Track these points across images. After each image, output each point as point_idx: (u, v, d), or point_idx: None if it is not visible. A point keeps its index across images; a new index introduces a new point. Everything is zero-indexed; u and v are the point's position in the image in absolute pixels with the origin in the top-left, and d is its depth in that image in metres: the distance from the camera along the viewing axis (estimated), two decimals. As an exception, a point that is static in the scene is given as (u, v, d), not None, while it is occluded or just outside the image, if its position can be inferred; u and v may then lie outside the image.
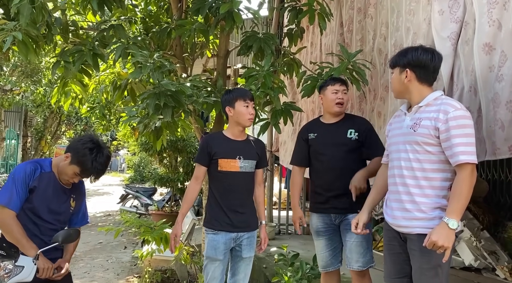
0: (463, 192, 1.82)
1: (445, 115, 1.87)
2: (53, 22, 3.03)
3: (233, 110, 2.61)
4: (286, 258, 3.17)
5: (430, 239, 1.82)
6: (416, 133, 1.95)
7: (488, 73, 2.13)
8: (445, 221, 1.82)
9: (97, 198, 13.51)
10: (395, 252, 2.11)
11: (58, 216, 2.22)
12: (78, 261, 5.70)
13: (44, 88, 10.85)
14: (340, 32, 3.93)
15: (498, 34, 2.08)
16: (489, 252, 3.76)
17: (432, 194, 1.94)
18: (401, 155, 2.03)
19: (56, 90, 3.96)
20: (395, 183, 2.06)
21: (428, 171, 1.94)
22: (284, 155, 5.65)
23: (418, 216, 1.95)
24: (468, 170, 1.82)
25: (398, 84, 2.08)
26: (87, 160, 2.12)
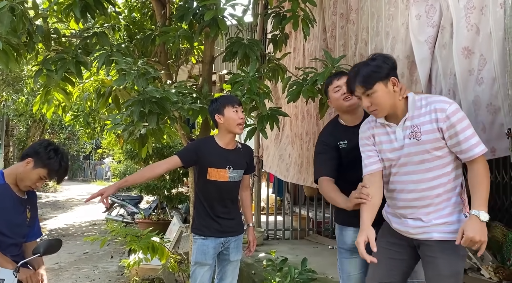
0: (484, 183, 1.79)
1: (443, 112, 1.82)
2: (34, 30, 2.98)
3: (223, 117, 2.60)
4: (274, 264, 3.17)
5: (466, 236, 1.72)
6: (421, 142, 1.86)
7: (468, 76, 2.18)
8: (476, 214, 1.74)
9: (82, 207, 13.29)
10: (390, 257, 2.03)
11: (17, 229, 2.15)
12: (63, 272, 5.59)
13: (26, 96, 10.67)
14: (323, 38, 3.98)
15: (477, 38, 2.12)
16: (474, 252, 3.81)
17: (448, 198, 1.89)
18: (408, 169, 1.92)
19: (39, 98, 3.90)
20: (406, 199, 1.95)
21: (442, 177, 1.88)
22: (266, 159, 5.67)
23: (435, 223, 1.89)
24: (483, 160, 1.80)
25: (388, 98, 1.90)
26: (55, 162, 2.12)
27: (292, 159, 4.81)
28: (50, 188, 19.40)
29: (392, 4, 2.88)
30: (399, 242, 2.03)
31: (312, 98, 3.07)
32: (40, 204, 13.81)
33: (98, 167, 28.38)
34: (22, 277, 2.07)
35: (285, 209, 6.10)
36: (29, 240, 2.26)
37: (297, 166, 4.64)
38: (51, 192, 18.47)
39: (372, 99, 1.91)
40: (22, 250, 2.20)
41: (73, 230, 9.07)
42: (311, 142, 4.24)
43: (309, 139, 4.27)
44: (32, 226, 2.27)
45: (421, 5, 2.51)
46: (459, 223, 1.85)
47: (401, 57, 2.65)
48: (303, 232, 5.99)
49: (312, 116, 4.23)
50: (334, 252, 5.06)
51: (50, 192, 18.64)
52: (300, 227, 5.98)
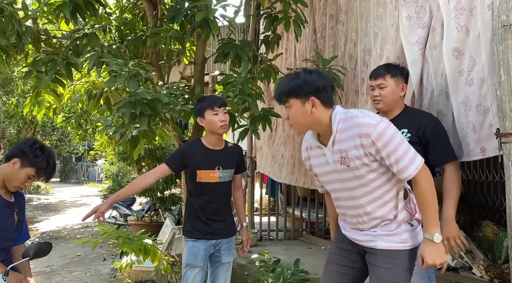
0: (429, 202, 1.71)
1: (368, 138, 1.68)
2: (24, 31, 2.96)
3: (204, 120, 2.62)
4: (267, 265, 3.16)
5: (426, 264, 1.70)
6: (352, 168, 1.75)
7: (458, 77, 2.20)
8: (429, 238, 1.71)
9: (74, 209, 13.20)
10: (341, 264, 1.98)
11: (4, 233, 2.11)
12: (55, 275, 5.54)
13: (17, 98, 10.57)
14: (314, 39, 3.99)
15: (466, 39, 2.14)
16: (466, 251, 3.84)
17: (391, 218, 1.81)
18: (345, 194, 1.85)
19: (29, 100, 3.87)
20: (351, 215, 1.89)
21: (381, 197, 1.79)
22: (260, 160, 5.66)
23: (380, 233, 1.82)
24: (422, 177, 1.70)
25: (303, 117, 1.77)
26: (42, 160, 2.09)
27: (285, 159, 4.82)
28: (42, 191, 19.24)
29: (380, 5, 2.89)
30: (350, 248, 1.96)
31: (304, 99, 3.07)
32: (32, 207, 13.68)
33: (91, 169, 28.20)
34: (11, 281, 2.04)
35: (278, 209, 6.10)
36: (17, 243, 2.23)
37: (289, 167, 4.65)
38: (43, 195, 18.32)
39: (290, 114, 1.81)
40: (10, 254, 2.17)
41: (65, 232, 9.00)
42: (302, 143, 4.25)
43: (301, 140, 4.27)
44: (20, 230, 2.23)
45: (411, 6, 2.53)
46: (406, 232, 1.81)
47: (392, 58, 2.67)
48: (297, 233, 6.00)
49: (304, 117, 4.24)
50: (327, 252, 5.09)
51: (42, 194, 18.48)
52: (293, 228, 5.98)
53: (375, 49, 2.90)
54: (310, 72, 1.80)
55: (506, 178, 1.79)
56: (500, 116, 1.86)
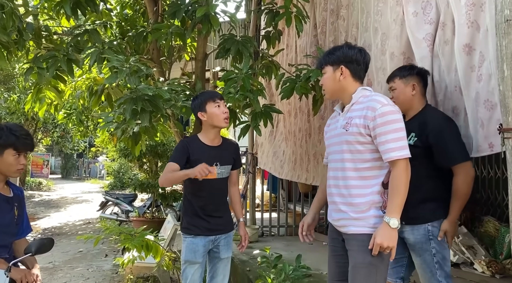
0: (400, 189, 1.82)
1: (373, 112, 1.87)
2: (24, 27, 2.95)
3: (206, 114, 2.58)
4: (269, 260, 3.17)
5: (375, 242, 1.82)
6: (347, 133, 1.94)
7: (470, 73, 2.19)
8: (386, 221, 1.82)
9: (76, 206, 13.24)
10: (337, 253, 2.10)
11: (5, 229, 2.10)
12: (57, 271, 5.56)
13: (18, 95, 10.57)
14: (314, 34, 3.98)
15: (476, 35, 2.14)
16: (467, 247, 3.85)
17: (365, 193, 1.92)
18: (336, 157, 2.03)
19: (30, 96, 3.86)
20: (329, 186, 2.07)
21: (362, 170, 1.93)
22: (261, 157, 5.66)
23: (352, 216, 1.94)
24: (401, 166, 1.82)
25: (332, 83, 2.04)
26: (8, 136, 2.04)
27: (286, 156, 4.82)
28: (43, 187, 19.31)
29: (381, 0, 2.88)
30: (336, 237, 2.09)
31: (306, 94, 3.07)
32: (34, 203, 13.72)
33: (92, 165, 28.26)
34: (16, 276, 2.03)
35: (280, 206, 6.11)
36: (18, 237, 2.23)
37: (291, 163, 4.64)
38: (44, 191, 18.38)
39: (323, 79, 2.10)
40: (12, 250, 2.17)
41: (67, 229, 9.03)
42: (303, 139, 4.25)
43: (302, 136, 4.28)
44: (20, 224, 2.23)
45: (417, 2, 2.51)
46: (376, 218, 1.91)
47: (396, 54, 2.65)
48: (298, 229, 6.00)
49: (304, 113, 4.23)
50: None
51: (43, 191, 18.55)
52: (295, 224, 5.99)
53: (375, 44, 2.89)
54: (351, 47, 2.03)
55: (509, 174, 1.78)
56: (503, 111, 1.85)
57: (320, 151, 3.92)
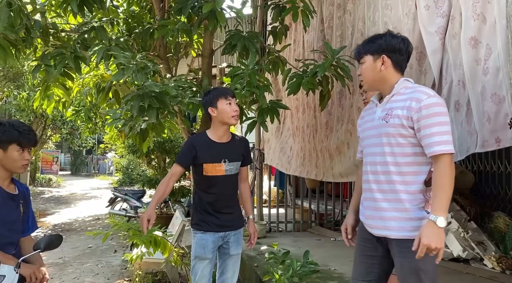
0: (445, 185, 1.70)
1: (417, 103, 1.76)
2: (32, 25, 2.97)
3: (216, 110, 2.58)
4: (276, 256, 3.17)
5: (422, 243, 1.65)
6: (388, 125, 1.83)
7: (475, 66, 2.16)
8: (433, 220, 1.67)
9: (85, 202, 13.36)
10: (365, 254, 1.99)
11: (12, 226, 2.11)
12: (67, 266, 5.63)
13: (28, 92, 10.66)
14: (321, 29, 3.95)
15: (483, 27, 2.10)
16: (477, 243, 3.81)
17: (407, 190, 1.81)
18: (374, 150, 1.91)
19: (38, 94, 3.89)
20: (368, 181, 1.93)
21: (402, 165, 1.82)
22: (268, 152, 5.65)
23: (394, 216, 1.82)
24: (445, 161, 1.71)
25: (372, 73, 1.92)
26: (9, 131, 2.04)
27: (294, 151, 4.80)
28: (53, 184, 19.52)
29: (389, -7, 2.85)
30: (370, 237, 1.96)
31: (313, 90, 3.05)
32: (44, 200, 13.89)
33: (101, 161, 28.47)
34: (25, 273, 2.06)
35: (287, 201, 6.10)
36: (24, 235, 2.25)
37: (299, 159, 4.63)
38: (54, 188, 18.57)
39: (362, 69, 1.97)
40: (19, 247, 2.19)
41: (76, 225, 9.12)
42: (311, 135, 4.23)
43: (310, 132, 4.26)
44: (26, 221, 2.25)
45: None
46: (419, 221, 1.78)
47: None
48: (306, 225, 6.01)
49: (311, 108, 4.22)
50: (337, 244, 5.09)
51: (53, 187, 18.75)
52: (302, 220, 5.98)
53: None
54: (394, 35, 1.91)
55: (519, 169, 1.76)
56: (513, 105, 1.83)
57: (327, 146, 3.90)
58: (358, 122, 2.12)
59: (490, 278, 3.43)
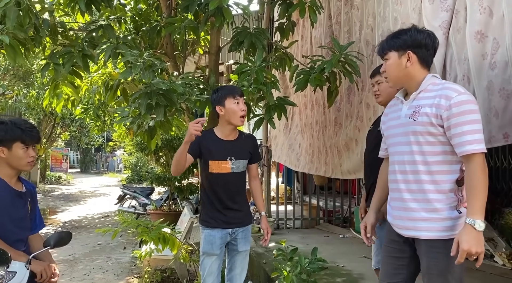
0: (479, 186, 1.63)
1: (447, 100, 1.69)
2: (41, 24, 2.99)
3: (224, 109, 2.57)
4: (284, 253, 3.17)
5: (461, 249, 1.59)
6: (416, 123, 1.77)
7: (481, 61, 2.13)
8: (470, 223, 1.60)
9: (94, 199, 13.48)
10: (392, 255, 1.96)
11: (21, 223, 2.14)
12: (77, 263, 5.69)
13: (37, 90, 10.77)
14: (329, 24, 3.93)
15: (490, 21, 2.07)
16: (487, 239, 3.78)
17: (437, 190, 1.75)
18: (401, 149, 1.85)
19: (48, 92, 3.93)
20: (396, 180, 1.88)
21: (431, 164, 1.76)
22: (275, 149, 5.65)
23: (424, 217, 1.77)
24: (478, 161, 1.64)
25: (397, 70, 1.85)
26: (12, 130, 2.07)
27: (303, 148, 4.79)
28: (63, 181, 19.71)
29: (400, -11, 2.82)
30: (397, 239, 1.93)
31: (320, 86, 3.04)
32: (54, 197, 14.03)
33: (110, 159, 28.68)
34: (36, 269, 2.08)
35: (295, 198, 6.10)
36: (32, 232, 2.28)
37: (308, 156, 4.62)
38: (64, 185, 18.77)
39: (386, 66, 1.91)
40: (27, 245, 2.22)
41: (86, 222, 9.21)
42: (320, 131, 4.21)
43: (319, 128, 4.25)
44: (33, 219, 2.28)
45: None
46: (450, 220, 1.74)
47: None
48: (314, 221, 6.00)
49: (320, 105, 4.20)
50: (345, 241, 5.08)
51: (63, 185, 18.94)
52: (310, 216, 5.98)
53: None
54: (419, 30, 1.84)
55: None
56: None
57: (336, 143, 3.89)
58: (382, 119, 2.07)
59: (501, 274, 3.40)
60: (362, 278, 3.54)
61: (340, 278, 3.57)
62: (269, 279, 3.60)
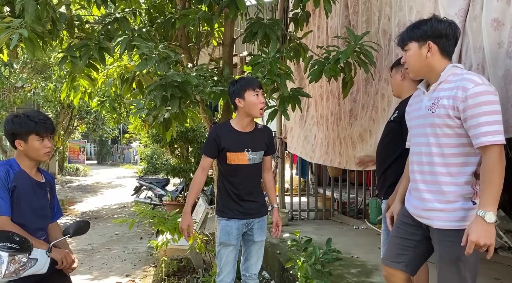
0: (494, 178, 1.63)
1: (464, 92, 1.68)
2: (58, 17, 3.03)
3: (244, 101, 2.56)
4: (299, 244, 3.18)
5: (470, 240, 1.61)
6: (434, 115, 1.78)
7: (497, 50, 2.08)
8: (481, 215, 1.62)
9: (111, 190, 13.71)
10: (400, 236, 2.01)
11: (41, 212, 2.22)
12: (96, 252, 5.82)
13: (54, 84, 10.94)
14: (345, 14, 3.88)
15: (507, 9, 2.02)
16: (505, 231, 3.73)
17: (452, 182, 1.76)
18: (420, 140, 1.88)
19: (65, 85, 3.99)
20: (413, 171, 1.92)
21: (448, 157, 1.77)
22: (291, 141, 5.64)
23: (437, 207, 1.80)
24: (494, 153, 1.63)
25: (418, 61, 1.86)
26: (27, 123, 2.13)
27: (318, 140, 4.78)
28: (80, 173, 20.07)
29: (415, -24, 2.76)
30: (412, 223, 1.96)
31: (335, 77, 3.01)
32: (72, 188, 14.33)
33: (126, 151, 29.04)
34: (57, 257, 2.15)
35: (309, 190, 6.10)
36: (51, 221, 2.35)
37: (323, 147, 4.61)
38: (81, 176, 19.11)
39: (406, 57, 1.91)
40: (47, 233, 2.29)
41: (103, 212, 9.39)
42: (335, 123, 4.19)
43: (334, 120, 4.22)
44: (52, 208, 2.36)
45: None
46: (465, 211, 1.75)
47: None
48: (328, 213, 6.00)
49: (335, 96, 4.17)
50: (360, 232, 5.07)
51: (80, 176, 19.29)
52: (324, 208, 5.98)
53: (410, 23, 2.78)
54: (440, 20, 1.84)
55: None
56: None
57: (350, 134, 3.86)
58: (406, 110, 2.09)
59: (519, 267, 3.36)
60: (376, 269, 3.54)
61: (354, 269, 3.58)
62: (284, 269, 3.63)
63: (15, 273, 1.89)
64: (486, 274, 3.23)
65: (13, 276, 1.90)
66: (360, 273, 3.48)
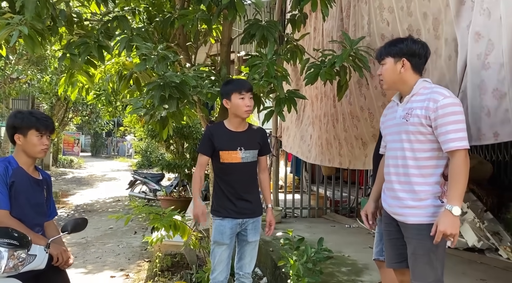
0: (460, 178, 1.88)
1: (434, 103, 1.92)
2: (57, 14, 3.05)
3: (230, 103, 2.69)
4: (291, 242, 3.25)
5: (438, 230, 1.86)
6: (408, 123, 2.01)
7: (475, 61, 2.16)
8: (448, 209, 1.86)
9: (105, 183, 13.72)
10: (392, 237, 2.19)
11: (38, 208, 2.28)
12: (90, 246, 5.86)
13: (50, 76, 10.90)
14: (340, 17, 3.92)
15: (487, 22, 2.08)
16: (492, 233, 3.83)
17: (424, 182, 2.00)
18: (395, 145, 2.10)
19: (63, 80, 4.01)
20: (388, 173, 2.14)
21: (421, 160, 2.00)
22: (287, 140, 5.70)
23: (410, 205, 2.02)
24: (460, 156, 1.88)
25: (392, 74, 2.11)
26: (29, 119, 2.22)
27: (314, 140, 4.84)
28: (74, 165, 20.03)
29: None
30: (391, 221, 2.18)
31: (330, 80, 3.07)
32: (66, 180, 14.31)
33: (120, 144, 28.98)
34: (54, 253, 2.20)
35: (303, 188, 6.17)
36: (47, 219, 2.40)
37: (318, 147, 4.67)
38: (75, 169, 19.08)
39: (382, 70, 2.16)
40: (43, 230, 2.35)
41: (97, 206, 9.41)
42: (329, 124, 4.25)
43: (327, 121, 4.28)
44: (48, 206, 2.41)
45: None
46: (434, 207, 1.98)
47: (450, 40, 2.49)
48: (321, 211, 6.08)
49: (329, 98, 4.22)
50: (351, 231, 5.16)
51: (75, 168, 19.25)
52: (317, 206, 6.06)
53: (425, 29, 2.69)
54: (415, 41, 2.10)
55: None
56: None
57: (360, 135, 3.88)
58: (381, 120, 2.31)
59: (505, 268, 3.45)
60: (367, 268, 3.62)
61: (345, 268, 3.66)
62: (276, 267, 3.70)
63: (14, 268, 1.94)
64: (473, 275, 3.33)
65: (13, 271, 1.95)
66: (350, 272, 3.56)
